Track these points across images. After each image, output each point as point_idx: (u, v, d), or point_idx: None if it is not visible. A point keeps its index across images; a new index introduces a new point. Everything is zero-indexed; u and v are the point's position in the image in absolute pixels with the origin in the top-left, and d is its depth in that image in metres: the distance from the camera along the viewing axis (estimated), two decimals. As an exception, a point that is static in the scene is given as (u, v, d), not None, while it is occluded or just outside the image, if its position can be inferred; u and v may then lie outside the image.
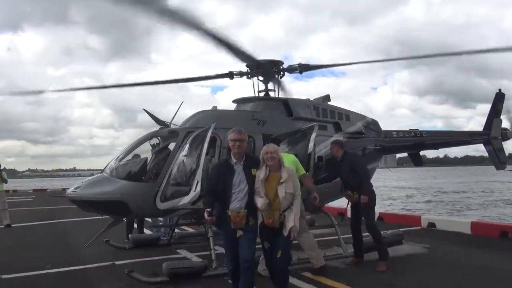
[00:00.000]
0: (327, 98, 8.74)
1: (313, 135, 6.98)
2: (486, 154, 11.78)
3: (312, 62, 7.58)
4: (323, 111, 8.23)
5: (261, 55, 7.72)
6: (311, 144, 6.94)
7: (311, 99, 8.63)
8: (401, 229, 9.01)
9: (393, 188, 40.99)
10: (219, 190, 4.43)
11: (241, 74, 7.88)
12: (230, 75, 7.84)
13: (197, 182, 6.19)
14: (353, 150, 7.84)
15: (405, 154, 11.78)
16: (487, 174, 61.02)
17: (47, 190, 36.47)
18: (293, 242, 4.78)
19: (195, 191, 6.16)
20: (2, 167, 12.79)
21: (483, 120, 11.68)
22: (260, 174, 4.42)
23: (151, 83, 7.07)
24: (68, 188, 7.35)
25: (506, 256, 7.15)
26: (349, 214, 7.49)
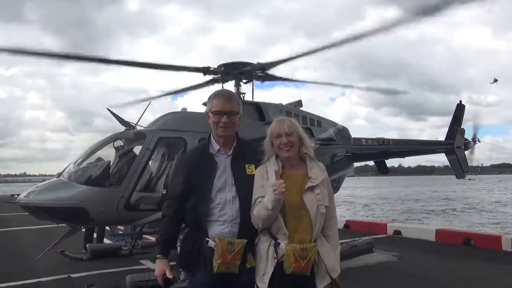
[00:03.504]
0: (299, 103, 8.63)
1: None
2: (437, 164, 12.16)
3: (273, 71, 7.47)
4: (295, 116, 8.04)
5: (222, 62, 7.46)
6: None
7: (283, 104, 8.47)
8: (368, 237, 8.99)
9: (357, 196, 41.83)
10: (189, 201, 2.51)
11: (215, 72, 7.54)
12: (207, 70, 7.41)
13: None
14: (324, 157, 7.73)
15: (362, 164, 11.92)
16: (442, 184, 63.87)
17: (-5, 196, 34.16)
18: None
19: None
20: None
21: (434, 132, 12.20)
22: (268, 169, 2.48)
23: (119, 62, 6.56)
24: (18, 194, 6.71)
25: (471, 264, 7.25)
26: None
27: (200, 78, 7.63)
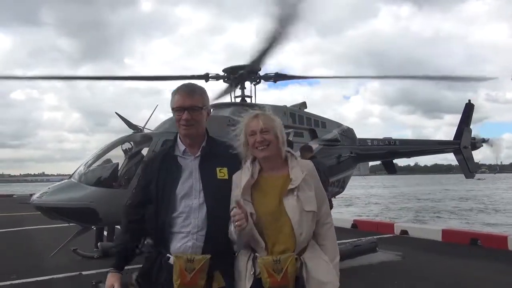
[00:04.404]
0: (303, 105, 8.75)
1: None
2: (454, 163, 12.10)
3: (287, 69, 7.53)
4: (299, 118, 8.22)
5: (236, 62, 7.65)
6: None
7: (288, 105, 8.61)
8: (375, 237, 9.07)
9: (368, 195, 41.58)
10: (150, 209, 2.18)
11: (217, 77, 7.77)
12: (206, 77, 7.69)
13: None
14: (328, 158, 7.85)
15: (378, 162, 11.96)
16: (455, 182, 62.98)
17: (13, 196, 35.06)
18: None
19: None
20: None
21: (450, 130, 12.06)
22: (241, 176, 2.12)
23: (125, 78, 6.83)
24: (34, 194, 7.01)
25: (476, 264, 7.27)
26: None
27: (210, 84, 7.88)
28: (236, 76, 7.83)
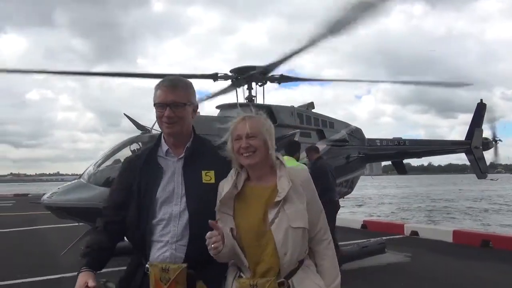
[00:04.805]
0: (311, 105, 8.75)
1: None
2: (468, 162, 11.95)
3: (296, 70, 7.57)
4: (307, 119, 8.22)
5: (247, 62, 7.70)
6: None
7: (295, 106, 8.62)
8: (384, 238, 9.00)
9: (380, 195, 41.26)
10: (130, 214, 1.98)
11: (225, 77, 7.81)
12: (215, 77, 7.74)
13: None
14: (336, 158, 7.83)
15: (389, 162, 11.87)
16: (470, 183, 62.04)
17: (28, 195, 35.69)
18: None
19: None
20: None
21: (465, 129, 11.87)
22: (224, 185, 1.92)
23: (133, 74, 6.93)
24: (45, 194, 7.14)
25: (486, 266, 7.17)
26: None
27: (219, 84, 7.94)
28: (244, 76, 7.86)
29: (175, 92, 1.97)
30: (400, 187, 62.07)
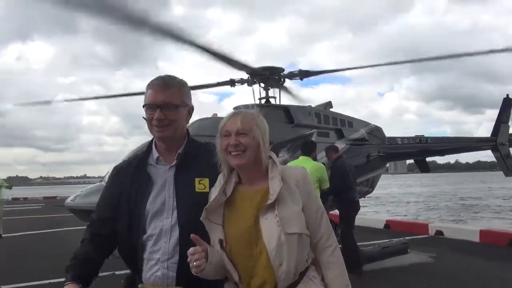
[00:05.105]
0: (329, 104, 8.68)
1: None
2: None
3: (316, 68, 7.57)
4: (324, 118, 8.16)
5: (266, 62, 7.75)
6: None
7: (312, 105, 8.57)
8: (407, 237, 8.83)
9: (405, 194, 40.49)
10: (120, 227, 1.80)
11: (242, 81, 7.87)
12: (232, 82, 7.84)
13: None
14: (355, 157, 7.75)
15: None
16: (499, 181, 60.12)
17: (56, 198, 36.77)
18: None
19: None
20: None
21: (492, 125, 11.48)
22: (212, 192, 1.73)
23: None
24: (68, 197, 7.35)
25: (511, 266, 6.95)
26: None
27: (244, 77, 7.99)
28: (260, 77, 7.88)
29: (166, 92, 1.77)
30: (426, 185, 60.72)
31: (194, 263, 1.54)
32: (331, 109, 8.56)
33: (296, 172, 1.73)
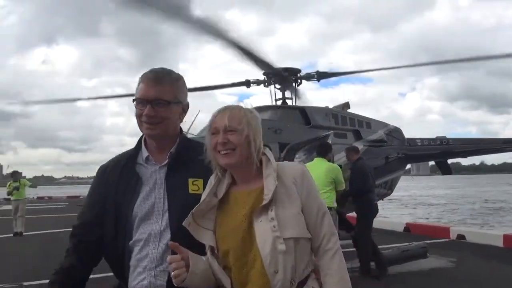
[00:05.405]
0: (346, 105, 8.59)
1: None
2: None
3: (336, 69, 7.49)
4: (342, 119, 8.08)
5: (285, 63, 7.75)
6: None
7: (332, 106, 8.51)
8: (427, 241, 8.64)
9: (425, 196, 39.68)
10: (106, 233, 1.68)
11: (258, 82, 7.88)
12: (247, 83, 7.85)
13: None
14: (374, 159, 7.64)
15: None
16: (527, 183, 58.16)
17: (80, 197, 37.61)
18: None
19: None
20: (23, 175, 13.37)
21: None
22: (203, 194, 1.60)
23: None
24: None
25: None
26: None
27: (260, 78, 8.03)
28: (277, 78, 7.87)
29: (159, 87, 1.62)
30: (449, 187, 59.34)
31: (173, 273, 1.41)
32: (348, 110, 8.48)
33: (294, 169, 1.57)
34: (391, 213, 20.07)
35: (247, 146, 1.52)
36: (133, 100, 1.66)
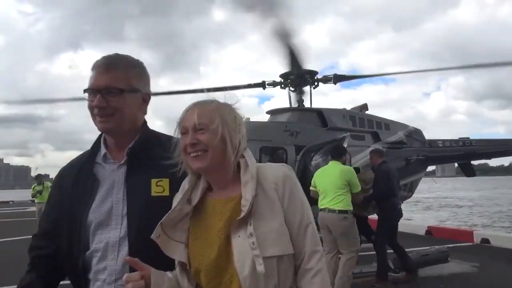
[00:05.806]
0: (364, 107, 8.50)
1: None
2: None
3: (359, 69, 7.44)
4: (360, 121, 7.99)
5: (306, 64, 7.67)
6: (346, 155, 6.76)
7: (352, 107, 8.46)
8: (450, 245, 8.45)
9: (450, 198, 38.73)
10: (61, 243, 1.46)
11: (274, 84, 7.88)
12: (263, 85, 7.86)
13: None
14: (393, 161, 7.52)
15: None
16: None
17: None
18: None
19: None
20: (50, 177, 13.65)
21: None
22: (174, 200, 1.34)
23: (183, 92, 7.25)
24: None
25: None
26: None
27: (276, 80, 8.05)
28: (293, 80, 7.86)
29: (110, 73, 1.40)
30: (476, 189, 57.71)
31: None
32: (366, 112, 8.39)
33: (276, 172, 1.32)
34: (414, 216, 19.68)
35: (221, 146, 1.28)
36: (84, 91, 1.45)
